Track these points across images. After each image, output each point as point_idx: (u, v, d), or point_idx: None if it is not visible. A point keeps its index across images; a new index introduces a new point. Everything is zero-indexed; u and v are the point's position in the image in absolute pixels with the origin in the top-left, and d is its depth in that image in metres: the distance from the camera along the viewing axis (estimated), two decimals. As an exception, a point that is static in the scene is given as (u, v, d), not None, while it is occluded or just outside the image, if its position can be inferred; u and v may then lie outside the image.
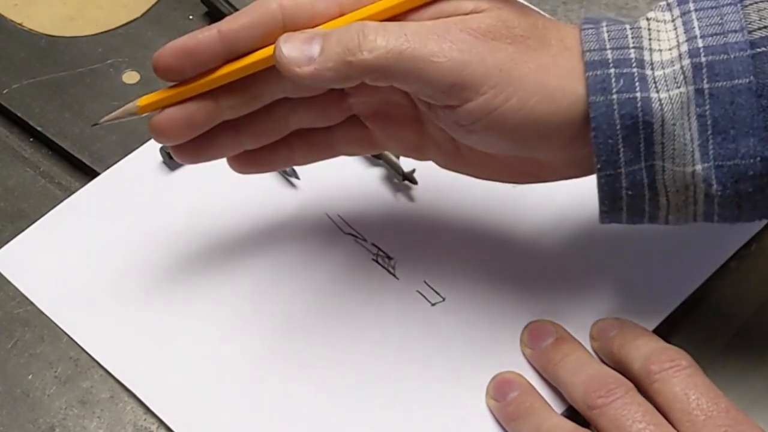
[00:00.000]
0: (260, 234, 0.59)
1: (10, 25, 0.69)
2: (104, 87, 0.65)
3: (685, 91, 0.46)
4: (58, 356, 0.55)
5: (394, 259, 0.58)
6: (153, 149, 0.61)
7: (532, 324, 0.54)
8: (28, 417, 0.53)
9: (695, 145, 0.46)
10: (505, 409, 0.51)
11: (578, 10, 0.69)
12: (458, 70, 0.47)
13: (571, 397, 0.51)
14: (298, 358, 0.54)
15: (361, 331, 0.55)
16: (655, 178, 0.48)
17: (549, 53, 0.48)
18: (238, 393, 0.53)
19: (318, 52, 0.47)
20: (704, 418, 0.47)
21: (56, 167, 0.62)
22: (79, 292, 0.56)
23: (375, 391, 0.53)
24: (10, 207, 0.60)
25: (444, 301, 0.56)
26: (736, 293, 0.57)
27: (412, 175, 0.59)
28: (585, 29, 0.48)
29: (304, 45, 0.47)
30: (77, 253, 0.58)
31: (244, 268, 0.57)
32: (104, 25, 0.69)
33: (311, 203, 0.60)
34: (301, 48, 0.47)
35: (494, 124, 0.48)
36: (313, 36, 0.48)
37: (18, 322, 0.56)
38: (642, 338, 0.52)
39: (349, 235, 0.59)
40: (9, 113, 0.64)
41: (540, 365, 0.53)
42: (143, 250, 0.58)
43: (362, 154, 0.59)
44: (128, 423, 0.53)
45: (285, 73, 0.47)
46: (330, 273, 0.57)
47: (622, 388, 0.49)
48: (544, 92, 0.47)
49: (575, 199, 0.59)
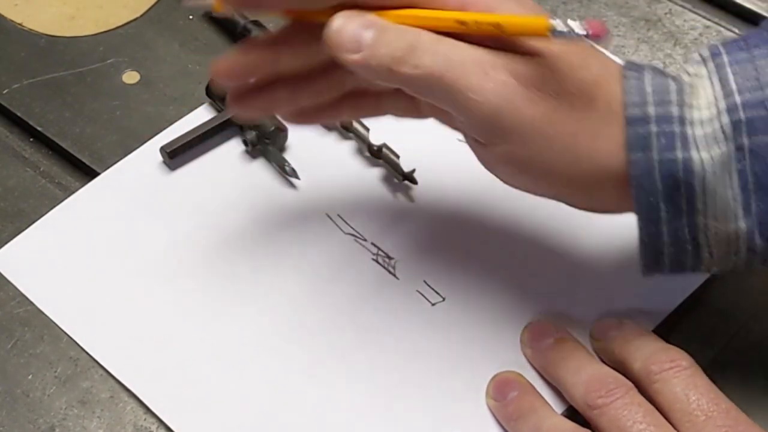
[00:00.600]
0: (260, 234, 0.58)
1: (10, 25, 0.69)
2: (104, 87, 0.65)
3: (726, 150, 0.45)
4: (58, 356, 0.55)
5: (394, 259, 0.58)
6: (153, 149, 0.61)
7: (533, 324, 0.54)
8: (28, 417, 0.53)
9: (737, 202, 0.45)
10: (505, 408, 0.51)
11: (578, 9, 0.69)
12: (492, 114, 0.46)
13: (571, 397, 0.51)
14: (298, 358, 0.54)
15: (361, 331, 0.55)
16: (698, 234, 0.47)
17: (591, 117, 0.46)
18: (238, 393, 0.53)
19: (368, 43, 0.46)
20: (704, 418, 0.47)
21: (56, 167, 0.62)
22: (79, 291, 0.56)
23: (375, 391, 0.53)
24: (10, 207, 0.60)
25: (444, 301, 0.56)
26: (736, 293, 0.57)
27: (412, 175, 0.59)
28: (628, 77, 0.47)
29: (358, 30, 0.46)
30: (77, 253, 0.58)
31: (244, 268, 0.57)
32: (104, 25, 0.69)
33: (311, 203, 0.60)
34: (354, 33, 0.46)
35: (518, 170, 0.48)
36: (369, 24, 0.46)
37: (18, 322, 0.56)
38: (642, 338, 0.52)
39: (349, 235, 0.59)
40: (9, 113, 0.64)
41: (540, 365, 0.53)
42: (143, 250, 0.58)
43: (408, 118, 0.57)
44: (128, 423, 0.53)
45: (330, 50, 0.47)
46: (330, 273, 0.57)
47: (623, 388, 0.49)
48: (572, 156, 0.47)
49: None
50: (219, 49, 0.67)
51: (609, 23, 0.68)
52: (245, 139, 0.61)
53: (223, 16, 0.67)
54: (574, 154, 0.47)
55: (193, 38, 0.68)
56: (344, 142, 0.62)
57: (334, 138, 0.63)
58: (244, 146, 0.61)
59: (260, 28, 0.65)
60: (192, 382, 0.53)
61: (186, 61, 0.66)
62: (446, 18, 0.47)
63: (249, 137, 0.61)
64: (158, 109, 0.64)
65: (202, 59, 0.66)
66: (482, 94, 0.46)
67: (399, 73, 0.46)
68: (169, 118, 0.63)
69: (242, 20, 0.66)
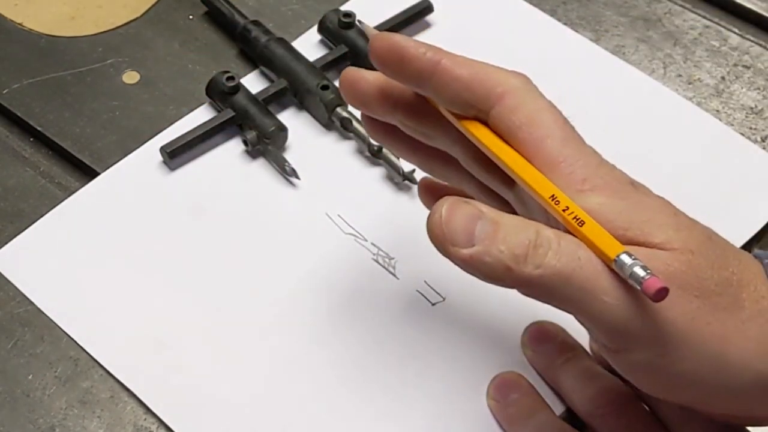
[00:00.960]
0: (260, 234, 0.59)
1: (10, 25, 0.69)
2: (104, 87, 0.65)
3: None
4: (58, 356, 0.55)
5: (395, 259, 0.58)
6: (153, 149, 0.61)
7: (534, 325, 0.54)
8: (28, 417, 0.53)
9: None
10: (506, 410, 0.51)
11: (578, 9, 0.69)
12: (626, 317, 0.40)
13: (571, 402, 0.50)
14: (298, 358, 0.54)
15: (361, 331, 0.55)
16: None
17: (739, 317, 0.41)
18: (237, 393, 0.53)
19: (482, 237, 0.41)
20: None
21: (56, 167, 0.62)
22: (79, 291, 0.56)
23: (375, 391, 0.53)
24: (10, 207, 0.60)
25: (444, 301, 0.56)
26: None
27: (412, 175, 0.59)
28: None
29: (468, 222, 0.41)
30: (77, 253, 0.58)
31: (243, 268, 0.57)
32: (104, 25, 0.69)
33: (311, 203, 0.60)
34: (465, 225, 0.41)
35: (654, 379, 0.42)
36: (480, 216, 0.41)
37: (18, 322, 0.56)
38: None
39: (349, 235, 0.59)
40: (9, 113, 0.64)
41: (541, 368, 0.53)
42: (143, 250, 0.58)
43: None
44: (128, 423, 0.53)
45: (432, 239, 0.42)
46: (330, 273, 0.57)
47: (623, 397, 0.49)
48: (721, 363, 0.41)
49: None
50: (219, 49, 0.67)
51: (608, 23, 0.68)
52: (245, 139, 0.61)
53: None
54: (723, 361, 0.41)
55: (193, 38, 0.68)
56: (344, 142, 0.62)
57: (334, 138, 0.63)
58: (244, 146, 0.61)
59: (260, 27, 0.65)
60: (192, 382, 0.53)
61: (186, 61, 0.66)
62: (544, 187, 0.42)
63: (249, 137, 0.61)
64: (158, 109, 0.64)
65: (202, 59, 0.66)
66: (617, 295, 0.40)
67: (519, 273, 0.40)
68: (169, 118, 0.63)
69: (242, 20, 0.66)
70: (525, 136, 0.43)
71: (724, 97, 0.63)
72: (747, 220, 0.58)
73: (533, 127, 0.43)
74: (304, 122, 0.63)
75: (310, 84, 0.62)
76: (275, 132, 0.61)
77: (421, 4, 0.67)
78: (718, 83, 0.65)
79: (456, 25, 0.67)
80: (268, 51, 0.64)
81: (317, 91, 0.62)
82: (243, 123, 0.61)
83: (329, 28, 0.66)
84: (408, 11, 0.67)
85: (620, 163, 0.62)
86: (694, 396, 0.43)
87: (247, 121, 0.61)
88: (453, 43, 0.67)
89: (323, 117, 0.62)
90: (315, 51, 0.66)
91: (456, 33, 0.67)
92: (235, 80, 0.62)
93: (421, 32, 0.67)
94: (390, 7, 0.66)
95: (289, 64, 0.63)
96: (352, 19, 0.65)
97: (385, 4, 0.66)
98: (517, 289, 0.42)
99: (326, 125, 0.63)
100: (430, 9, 0.67)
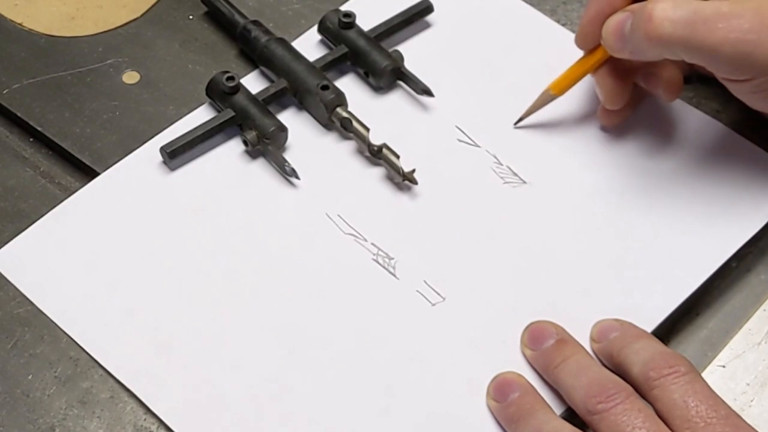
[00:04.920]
0: (260, 234, 0.59)
1: (10, 25, 0.69)
2: (104, 87, 0.65)
3: None
4: (58, 356, 0.55)
5: (394, 259, 0.58)
6: (153, 149, 0.61)
7: (533, 325, 0.54)
8: (28, 417, 0.53)
9: None
10: (506, 410, 0.51)
11: (578, 9, 0.69)
12: (744, 53, 0.52)
13: (571, 401, 0.51)
14: (297, 358, 0.54)
15: (361, 331, 0.55)
16: None
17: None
18: (237, 393, 0.53)
19: (628, 31, 0.55)
20: (704, 425, 0.47)
21: (56, 167, 0.63)
22: (79, 291, 0.56)
23: (374, 391, 0.53)
24: (10, 207, 0.60)
25: (444, 301, 0.56)
26: (736, 293, 0.57)
27: (412, 175, 0.59)
28: None
29: (618, 27, 0.56)
30: (77, 253, 0.58)
31: (243, 268, 0.57)
32: (104, 25, 0.69)
33: (311, 203, 0.60)
34: (615, 30, 0.56)
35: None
36: (626, 17, 0.56)
37: (18, 322, 0.56)
38: (642, 341, 0.51)
39: (349, 235, 0.59)
40: (9, 113, 0.64)
41: (540, 367, 0.53)
42: (143, 250, 0.58)
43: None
44: (128, 423, 0.53)
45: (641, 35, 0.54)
46: (330, 273, 0.57)
47: (623, 393, 0.49)
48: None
49: (576, 199, 0.59)
50: (219, 49, 0.67)
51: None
52: (245, 139, 0.61)
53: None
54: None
55: (193, 38, 0.68)
56: (344, 142, 0.62)
57: (334, 138, 0.63)
58: (244, 146, 0.61)
59: (260, 27, 0.65)
60: (192, 382, 0.53)
61: (186, 61, 0.66)
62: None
63: (249, 137, 0.61)
64: (158, 109, 0.64)
65: (202, 59, 0.66)
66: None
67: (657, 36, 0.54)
68: (169, 118, 0.63)
69: (242, 20, 0.66)
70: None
71: (724, 97, 0.63)
72: (747, 219, 0.58)
73: None
74: (304, 122, 0.63)
75: (310, 84, 0.62)
76: (275, 132, 0.61)
77: (421, 4, 0.67)
78: (718, 83, 0.65)
79: (456, 25, 0.67)
80: (268, 51, 0.64)
81: (317, 91, 0.62)
82: (243, 123, 0.61)
83: (329, 28, 0.66)
84: (408, 11, 0.67)
85: (620, 162, 0.63)
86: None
87: (247, 121, 0.61)
88: (453, 43, 0.67)
89: (323, 117, 0.62)
90: (315, 51, 0.66)
91: (456, 33, 0.67)
92: (235, 80, 0.62)
93: (421, 32, 0.67)
94: (390, 7, 0.66)
95: (289, 64, 0.63)
96: (352, 19, 0.65)
97: (385, 4, 0.66)
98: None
99: (326, 125, 0.63)
100: (430, 9, 0.67)
